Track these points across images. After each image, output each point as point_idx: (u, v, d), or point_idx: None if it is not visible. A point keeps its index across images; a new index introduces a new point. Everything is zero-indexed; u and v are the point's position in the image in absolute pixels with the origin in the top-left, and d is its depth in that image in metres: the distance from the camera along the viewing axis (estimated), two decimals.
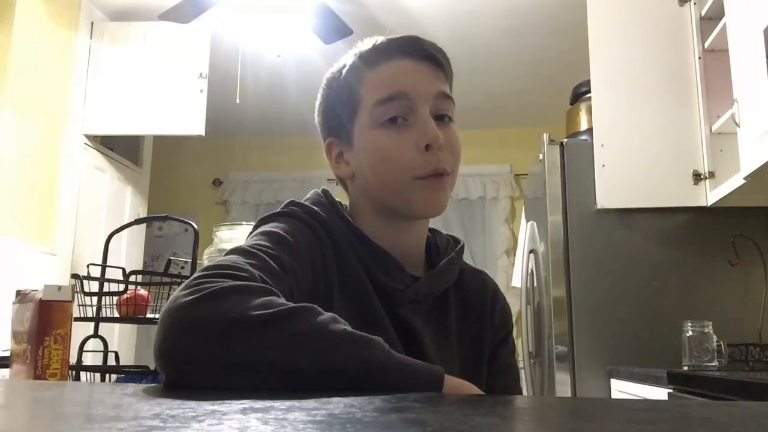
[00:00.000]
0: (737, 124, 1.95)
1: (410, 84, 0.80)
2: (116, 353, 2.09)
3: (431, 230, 0.92)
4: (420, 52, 0.82)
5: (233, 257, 0.68)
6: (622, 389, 2.17)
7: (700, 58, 2.38)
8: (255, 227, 0.81)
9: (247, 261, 0.67)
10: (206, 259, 1.82)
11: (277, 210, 0.83)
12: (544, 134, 2.56)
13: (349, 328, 0.59)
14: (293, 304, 0.59)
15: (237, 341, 0.55)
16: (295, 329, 0.56)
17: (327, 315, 0.60)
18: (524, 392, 0.93)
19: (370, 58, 0.83)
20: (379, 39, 0.84)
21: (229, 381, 0.54)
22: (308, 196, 0.88)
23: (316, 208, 0.83)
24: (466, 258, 0.94)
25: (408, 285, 0.81)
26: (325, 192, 0.88)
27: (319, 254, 0.78)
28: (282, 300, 0.60)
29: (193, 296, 0.57)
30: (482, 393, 0.67)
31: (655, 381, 1.86)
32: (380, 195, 0.83)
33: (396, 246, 0.83)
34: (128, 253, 3.53)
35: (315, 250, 0.78)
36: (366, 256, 0.81)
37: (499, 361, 0.91)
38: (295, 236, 0.77)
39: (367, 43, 0.84)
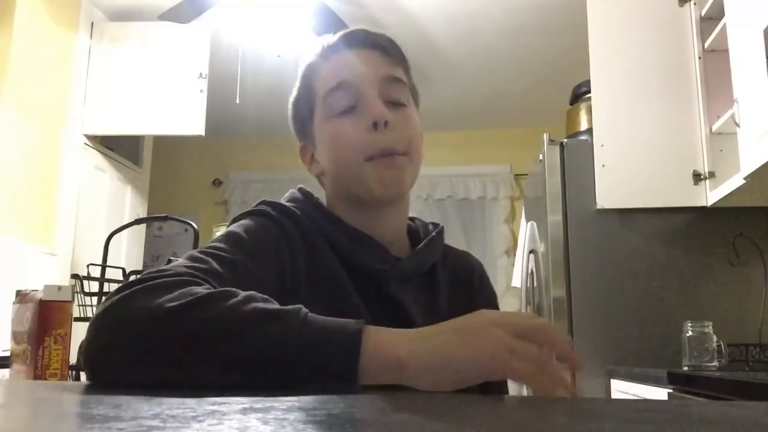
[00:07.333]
0: (737, 124, 1.95)
1: (352, 71, 0.83)
2: None
3: (411, 218, 0.93)
4: (365, 41, 0.85)
5: (177, 262, 0.69)
6: (622, 389, 2.17)
7: (700, 58, 2.38)
8: (227, 227, 0.82)
9: (189, 265, 0.67)
10: None
11: (248, 209, 0.84)
12: (544, 134, 2.56)
13: (263, 305, 0.58)
14: (207, 291, 0.59)
15: (150, 335, 0.56)
16: (204, 316, 0.56)
17: (242, 296, 0.58)
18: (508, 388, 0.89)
19: (321, 56, 0.87)
20: (330, 36, 0.87)
21: (150, 377, 0.55)
22: (285, 195, 0.90)
23: (289, 204, 0.84)
24: None
25: (393, 264, 0.82)
26: (301, 189, 0.90)
27: (286, 251, 0.78)
28: (201, 289, 0.60)
29: (112, 300, 0.60)
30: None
31: (655, 381, 1.86)
32: (343, 184, 0.84)
33: (373, 234, 0.83)
34: (128, 253, 3.53)
35: (281, 247, 0.78)
36: (345, 241, 0.81)
37: None
38: (259, 235, 0.77)
39: (319, 43, 0.87)
